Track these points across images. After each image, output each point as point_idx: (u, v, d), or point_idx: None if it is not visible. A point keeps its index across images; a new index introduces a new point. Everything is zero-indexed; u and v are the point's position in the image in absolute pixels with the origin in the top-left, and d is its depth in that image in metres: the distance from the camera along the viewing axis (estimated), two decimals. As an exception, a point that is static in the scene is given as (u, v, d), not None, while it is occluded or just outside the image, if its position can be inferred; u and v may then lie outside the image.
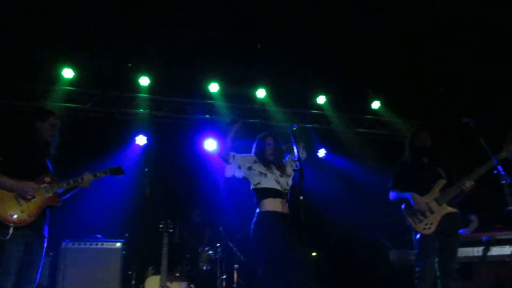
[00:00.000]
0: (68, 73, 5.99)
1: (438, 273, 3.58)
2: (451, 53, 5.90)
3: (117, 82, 6.31)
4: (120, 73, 6.26)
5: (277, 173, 3.35)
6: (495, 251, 4.38)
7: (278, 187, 3.28)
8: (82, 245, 4.24)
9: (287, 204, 3.34)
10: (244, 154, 3.47)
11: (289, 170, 3.46)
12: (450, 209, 3.58)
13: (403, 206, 3.75)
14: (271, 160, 3.40)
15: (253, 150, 3.52)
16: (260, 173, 3.32)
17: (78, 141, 5.70)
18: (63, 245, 4.22)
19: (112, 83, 6.30)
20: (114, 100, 6.39)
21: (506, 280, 4.72)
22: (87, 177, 3.15)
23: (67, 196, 3.15)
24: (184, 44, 5.85)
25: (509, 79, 5.83)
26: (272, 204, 3.22)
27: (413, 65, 6.24)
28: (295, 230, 3.17)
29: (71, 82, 6.12)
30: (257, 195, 3.32)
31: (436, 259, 3.59)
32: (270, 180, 3.29)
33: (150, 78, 6.32)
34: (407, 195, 3.66)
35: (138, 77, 6.30)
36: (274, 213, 3.20)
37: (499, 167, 3.33)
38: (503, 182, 3.27)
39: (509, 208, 3.24)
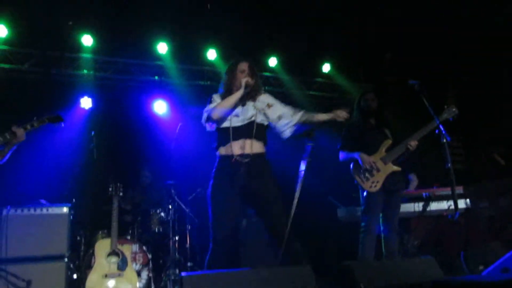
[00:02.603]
0: (1, 31, 5.51)
1: (382, 227, 3.82)
2: (397, 18, 6.04)
3: (57, 41, 5.90)
4: (61, 31, 5.84)
5: None
6: (434, 206, 4.69)
7: None
8: (26, 212, 4.03)
9: None
10: None
11: None
12: (395, 168, 3.79)
13: (351, 166, 3.91)
14: None
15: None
16: None
17: (17, 104, 5.35)
18: (4, 212, 3.99)
19: (52, 42, 5.89)
20: (54, 61, 5.99)
21: (442, 231, 5.11)
22: (18, 130, 2.93)
23: (6, 158, 2.96)
24: (130, 1, 5.55)
25: (452, 43, 6.09)
26: None
27: (362, 29, 6.34)
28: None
29: (5, 41, 5.65)
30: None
31: (381, 215, 3.81)
32: None
33: (93, 37, 5.96)
34: (356, 154, 3.82)
35: (81, 36, 5.92)
36: None
37: (441, 127, 3.52)
38: (444, 141, 3.47)
39: (449, 165, 3.46)
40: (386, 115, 4.09)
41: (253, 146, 2.98)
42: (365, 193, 3.80)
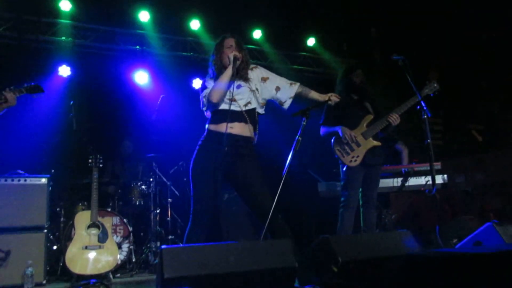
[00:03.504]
0: (-27, -8, 5.27)
1: (361, 202, 3.88)
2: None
3: (33, 4, 5.66)
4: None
5: None
6: (412, 181, 4.78)
7: None
8: (3, 181, 3.95)
9: None
10: None
11: None
12: (375, 143, 3.83)
13: (332, 140, 3.92)
14: None
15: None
16: None
17: (-9, 70, 5.17)
18: (-21, 182, 3.93)
19: (28, 6, 5.64)
20: (30, 26, 5.76)
21: (419, 205, 5.25)
22: (9, 95, 2.90)
23: None
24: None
25: (435, 20, 6.09)
26: None
27: (347, 4, 6.27)
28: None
29: (-23, 4, 5.42)
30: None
31: (360, 189, 3.87)
32: None
33: (72, 3, 5.74)
34: (337, 128, 3.83)
35: (58, 1, 5.69)
36: None
37: (422, 103, 3.55)
38: (425, 117, 3.51)
39: (428, 141, 3.51)
40: (369, 90, 4.09)
41: (243, 129, 3.00)
42: (344, 168, 3.84)
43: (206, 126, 3.07)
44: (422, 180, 4.68)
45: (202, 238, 2.84)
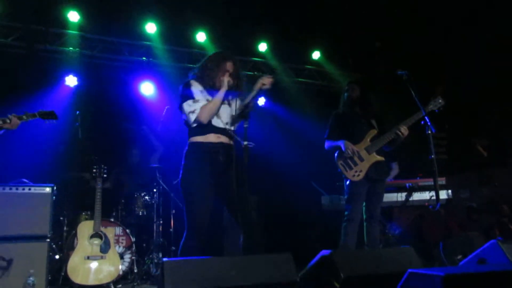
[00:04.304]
0: (-17, 2, 5.35)
1: (364, 216, 3.86)
2: (388, 7, 6.03)
3: (42, 15, 5.74)
4: (46, 5, 5.68)
5: None
6: (416, 196, 4.76)
7: None
8: (7, 190, 3.97)
9: None
10: None
11: None
12: (378, 158, 3.83)
13: (336, 154, 3.93)
14: None
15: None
16: None
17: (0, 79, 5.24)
18: (-16, 190, 3.95)
19: (37, 16, 5.72)
20: (39, 36, 5.83)
21: (423, 221, 5.20)
22: (14, 119, 2.95)
23: None
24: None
25: (440, 34, 6.11)
26: None
27: (352, 18, 6.31)
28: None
29: (-12, 14, 5.50)
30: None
31: (363, 203, 3.85)
32: None
33: (80, 14, 5.82)
34: (340, 142, 3.84)
35: (67, 12, 5.77)
36: None
37: (426, 119, 3.55)
38: (429, 132, 3.50)
39: (432, 156, 3.50)
40: (372, 104, 4.09)
41: (230, 138, 3.06)
42: (348, 182, 3.84)
43: (191, 139, 3.05)
44: (426, 195, 4.67)
45: (196, 252, 2.82)
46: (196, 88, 3.05)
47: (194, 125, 3.02)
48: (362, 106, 3.99)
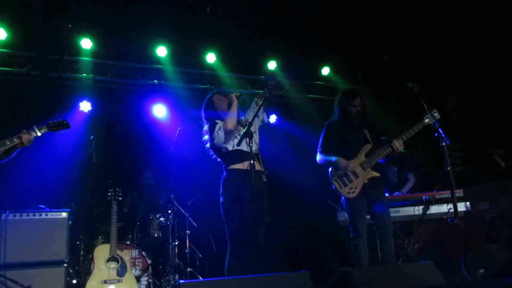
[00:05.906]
0: (0, 34, 5.51)
1: (376, 234, 3.74)
2: (396, 22, 6.06)
3: (56, 44, 5.89)
4: (60, 34, 5.83)
5: None
6: (434, 209, 4.67)
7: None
8: (24, 216, 4.02)
9: None
10: None
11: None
12: (374, 174, 3.71)
13: (330, 170, 3.81)
14: None
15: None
16: None
17: (16, 108, 5.35)
18: (2, 217, 3.99)
19: (51, 45, 5.88)
20: (53, 64, 5.98)
21: (443, 234, 5.09)
22: (25, 136, 3.01)
23: (8, 159, 3.00)
24: (128, 4, 5.54)
25: (452, 45, 6.09)
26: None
27: (361, 33, 6.34)
28: None
29: (4, 44, 5.65)
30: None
31: (367, 216, 3.73)
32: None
33: (92, 41, 5.96)
34: (335, 159, 3.72)
35: (80, 39, 5.92)
36: None
37: (440, 130, 3.49)
38: (443, 144, 3.45)
39: (448, 168, 3.44)
40: (367, 116, 3.95)
41: (256, 165, 3.32)
42: (343, 199, 3.76)
43: (227, 167, 3.44)
44: (444, 208, 4.58)
45: (241, 269, 3.00)
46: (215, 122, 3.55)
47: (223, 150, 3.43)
48: (359, 117, 3.80)
